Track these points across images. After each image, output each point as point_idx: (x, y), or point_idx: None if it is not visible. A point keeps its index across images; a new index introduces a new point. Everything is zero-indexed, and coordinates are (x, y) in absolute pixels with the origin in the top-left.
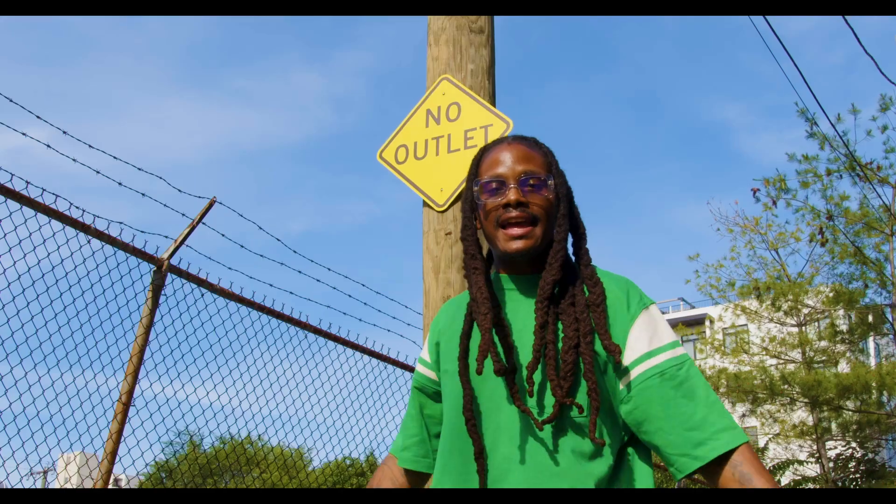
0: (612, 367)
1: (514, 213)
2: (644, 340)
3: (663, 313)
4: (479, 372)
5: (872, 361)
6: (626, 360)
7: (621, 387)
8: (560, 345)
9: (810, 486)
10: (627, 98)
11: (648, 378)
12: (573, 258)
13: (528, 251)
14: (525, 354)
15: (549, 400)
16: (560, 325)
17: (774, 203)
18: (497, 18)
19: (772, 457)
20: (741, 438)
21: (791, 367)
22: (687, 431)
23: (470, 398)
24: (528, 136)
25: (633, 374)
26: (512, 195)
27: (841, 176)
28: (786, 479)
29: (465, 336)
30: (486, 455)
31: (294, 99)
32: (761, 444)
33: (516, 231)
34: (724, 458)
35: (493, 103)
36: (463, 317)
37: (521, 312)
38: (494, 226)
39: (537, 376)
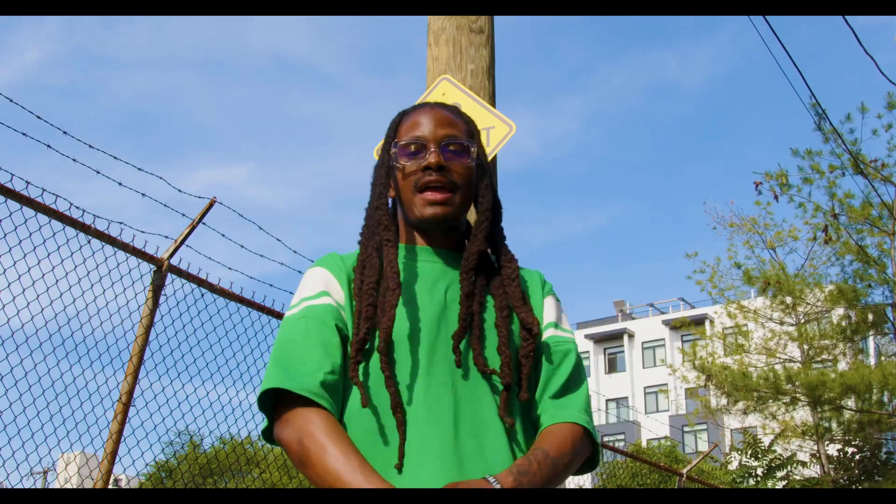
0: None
1: (433, 176)
2: (553, 315)
3: (663, 313)
4: (382, 350)
5: (872, 361)
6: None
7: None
8: (486, 315)
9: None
10: None
11: (555, 343)
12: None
13: (445, 218)
14: (450, 325)
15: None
16: (489, 298)
17: (776, 198)
18: (497, 18)
19: (772, 457)
20: (586, 423)
21: (791, 366)
22: (564, 395)
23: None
24: (449, 104)
25: (543, 335)
26: (432, 158)
27: (844, 173)
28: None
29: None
30: (403, 410)
31: None
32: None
33: (435, 196)
34: (563, 426)
35: (493, 103)
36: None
37: (444, 284)
38: (412, 190)
39: (463, 344)
